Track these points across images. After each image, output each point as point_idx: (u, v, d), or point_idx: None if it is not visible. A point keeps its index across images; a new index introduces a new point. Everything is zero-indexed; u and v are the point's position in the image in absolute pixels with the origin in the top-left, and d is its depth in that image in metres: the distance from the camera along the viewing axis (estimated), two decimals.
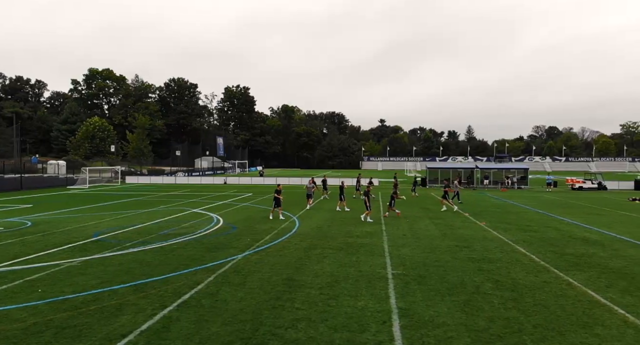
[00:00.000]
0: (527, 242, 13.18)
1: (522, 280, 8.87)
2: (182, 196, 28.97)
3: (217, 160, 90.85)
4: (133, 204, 23.33)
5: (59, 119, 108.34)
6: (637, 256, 11.19)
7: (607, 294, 8.04)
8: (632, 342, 5.89)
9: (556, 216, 19.31)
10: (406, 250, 11.69)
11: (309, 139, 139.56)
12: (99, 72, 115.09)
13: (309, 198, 22.27)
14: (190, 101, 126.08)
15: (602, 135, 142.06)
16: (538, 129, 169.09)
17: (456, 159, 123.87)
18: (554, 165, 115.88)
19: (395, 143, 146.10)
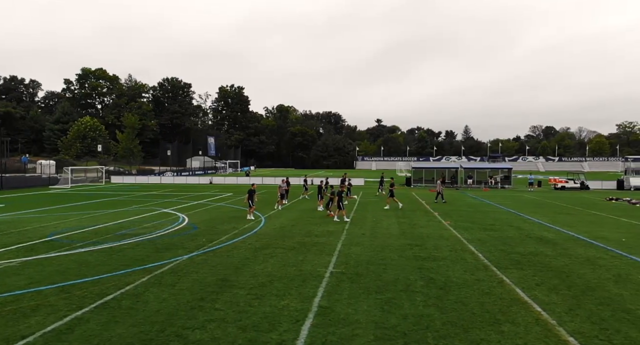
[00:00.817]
0: (481, 241, 13.22)
1: (455, 279, 8.90)
2: (161, 196, 28.92)
3: (208, 160, 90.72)
4: (106, 204, 23.27)
5: (52, 118, 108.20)
6: (583, 255, 11.24)
7: (534, 292, 8.07)
8: (533, 340, 5.90)
9: (524, 215, 19.37)
10: (357, 249, 11.70)
11: (304, 139, 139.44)
12: (92, 71, 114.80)
13: (282, 198, 22.29)
14: (184, 101, 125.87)
15: (599, 135, 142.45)
16: (535, 128, 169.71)
17: (450, 158, 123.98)
18: (547, 165, 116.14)
19: (390, 143, 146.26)
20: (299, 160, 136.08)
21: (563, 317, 6.78)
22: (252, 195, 17.69)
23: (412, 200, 27.11)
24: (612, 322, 6.58)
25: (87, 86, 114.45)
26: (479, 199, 28.06)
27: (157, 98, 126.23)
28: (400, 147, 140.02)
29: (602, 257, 11.06)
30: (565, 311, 7.07)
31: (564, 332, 6.20)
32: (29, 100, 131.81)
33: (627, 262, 10.55)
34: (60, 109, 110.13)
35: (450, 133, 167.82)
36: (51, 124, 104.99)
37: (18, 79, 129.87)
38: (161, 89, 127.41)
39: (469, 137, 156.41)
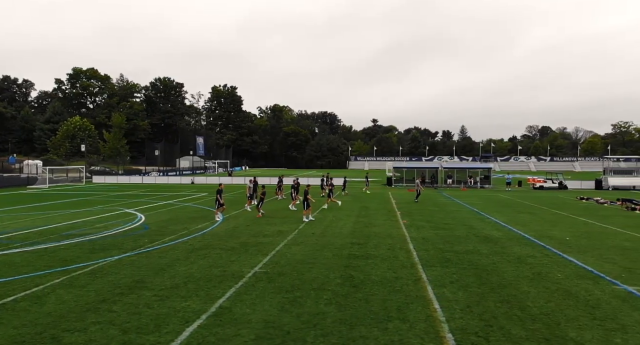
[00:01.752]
0: (425, 239, 13.26)
1: (375, 277, 8.92)
2: (134, 196, 28.86)
3: (198, 160, 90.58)
4: (72, 204, 23.19)
5: (42, 118, 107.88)
6: (517, 253, 11.28)
7: (443, 289, 8.10)
8: (411, 336, 5.92)
9: (485, 215, 19.43)
10: (297, 248, 11.68)
11: (297, 139, 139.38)
12: (83, 71, 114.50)
13: (250, 199, 22.14)
14: (176, 101, 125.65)
15: (595, 135, 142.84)
16: (531, 128, 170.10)
17: (442, 158, 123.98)
18: (539, 165, 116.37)
19: (384, 143, 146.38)
20: (293, 160, 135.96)
21: (455, 314, 6.81)
22: (219, 195, 17.57)
23: (384, 199, 27.15)
24: (501, 320, 6.61)
25: (79, 86, 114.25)
26: (451, 198, 28.11)
27: (150, 98, 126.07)
28: (393, 147, 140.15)
29: (534, 255, 11.11)
30: (462, 308, 7.10)
31: (446, 328, 6.23)
32: (22, 100, 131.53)
33: (555, 260, 10.60)
34: (51, 108, 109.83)
35: (447, 133, 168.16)
36: (41, 123, 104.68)
37: (11, 79, 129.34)
38: (153, 88, 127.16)
39: (465, 137, 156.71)
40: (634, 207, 21.57)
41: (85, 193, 31.08)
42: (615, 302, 7.45)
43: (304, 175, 54.06)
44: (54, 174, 43.63)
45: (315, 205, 19.81)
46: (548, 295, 7.81)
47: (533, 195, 31.20)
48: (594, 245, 12.39)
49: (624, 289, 8.22)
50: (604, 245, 12.40)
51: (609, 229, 15.65)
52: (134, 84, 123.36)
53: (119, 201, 24.91)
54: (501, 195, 30.82)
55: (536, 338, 5.95)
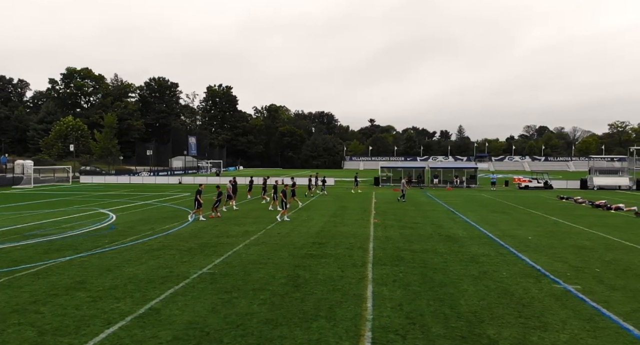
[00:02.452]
0: (387, 238, 13.30)
1: (321, 276, 8.91)
2: (116, 196, 28.84)
3: (192, 159, 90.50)
4: (49, 204, 23.14)
5: (36, 118, 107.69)
6: (473, 252, 11.31)
7: (383, 287, 8.11)
8: (331, 335, 5.92)
9: (458, 214, 19.47)
10: (255, 248, 11.63)
11: (292, 139, 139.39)
12: (77, 71, 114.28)
13: (229, 199, 22.09)
14: (171, 100, 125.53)
15: (592, 135, 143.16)
16: (529, 128, 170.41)
17: (436, 158, 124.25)
18: (533, 165, 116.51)
19: (379, 143, 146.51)
20: (289, 160, 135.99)
21: (384, 313, 6.81)
22: (199, 195, 17.39)
23: (365, 199, 27.18)
24: (426, 318, 6.61)
25: (73, 86, 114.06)
26: (433, 198, 28.16)
27: (144, 98, 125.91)
28: (388, 147, 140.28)
29: (488, 254, 11.14)
30: (393, 306, 7.11)
31: (369, 327, 6.22)
32: (17, 100, 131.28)
33: (508, 259, 10.61)
34: (45, 108, 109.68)
35: (445, 133, 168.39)
36: (35, 123, 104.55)
37: (6, 79, 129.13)
38: (148, 88, 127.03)
39: (463, 137, 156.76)
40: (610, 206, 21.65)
41: (68, 193, 31.03)
42: (548, 301, 7.48)
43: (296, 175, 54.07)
44: (41, 174, 43.55)
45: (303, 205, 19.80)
46: (484, 294, 7.83)
47: (515, 195, 31.27)
48: (553, 245, 12.43)
49: (563, 288, 8.25)
50: (563, 245, 12.44)
51: (576, 228, 15.71)
52: (128, 83, 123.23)
53: (97, 201, 24.87)
54: (484, 195, 30.87)
55: (453, 336, 5.96)
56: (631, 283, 8.57)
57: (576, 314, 6.87)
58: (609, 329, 6.26)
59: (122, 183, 44.05)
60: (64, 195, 28.87)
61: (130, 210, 20.57)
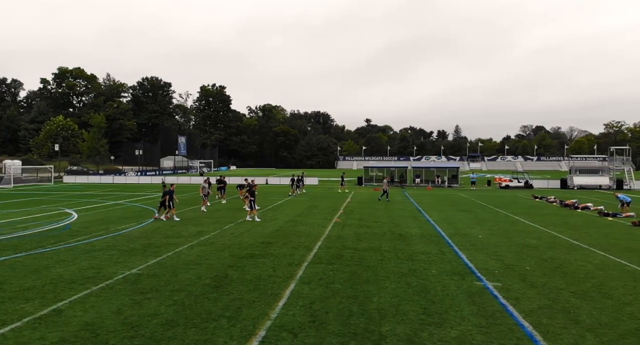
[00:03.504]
0: (339, 237, 13.35)
1: (250, 276, 8.87)
2: (90, 196, 28.81)
3: (183, 159, 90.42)
4: (17, 204, 23.09)
5: (27, 118, 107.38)
6: (416, 251, 11.35)
7: (303, 286, 8.13)
8: (223, 335, 5.92)
9: (423, 213, 19.54)
10: (199, 249, 11.51)
11: (286, 139, 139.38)
12: (69, 71, 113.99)
13: (204, 199, 21.93)
14: (164, 100, 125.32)
15: (589, 135, 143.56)
16: (525, 128, 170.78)
17: (430, 158, 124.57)
18: (526, 165, 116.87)
19: (373, 142, 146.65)
20: (283, 160, 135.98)
21: (291, 311, 6.83)
22: (171, 196, 17.27)
23: (340, 198, 27.20)
24: (330, 315, 6.64)
25: (64, 85, 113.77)
26: (408, 197, 28.21)
27: (137, 97, 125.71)
28: (382, 147, 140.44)
29: (429, 252, 11.19)
30: (304, 305, 7.11)
31: (267, 326, 6.23)
32: (10, 100, 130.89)
33: (445, 257, 10.64)
34: (36, 108, 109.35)
35: (442, 133, 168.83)
36: (26, 123, 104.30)
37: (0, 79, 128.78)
38: (141, 88, 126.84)
39: (460, 136, 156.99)
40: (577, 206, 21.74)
41: (44, 193, 30.98)
42: (460, 298, 7.52)
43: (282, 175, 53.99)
44: (23, 173, 43.43)
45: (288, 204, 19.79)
46: (401, 291, 7.87)
47: (492, 194, 31.36)
48: (499, 243, 12.49)
49: (482, 285, 8.31)
50: (509, 243, 12.50)
51: (532, 227, 15.77)
52: (120, 83, 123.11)
53: (68, 201, 24.83)
54: (461, 194, 30.95)
55: (345, 333, 6.00)
56: (552, 280, 8.63)
57: (480, 310, 6.92)
58: (504, 325, 6.31)
59: (104, 183, 43.99)
60: (38, 195, 28.82)
61: (96, 210, 20.54)
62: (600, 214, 19.05)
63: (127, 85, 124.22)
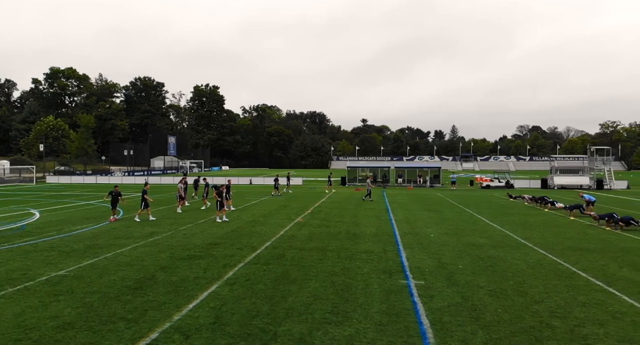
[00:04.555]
0: (292, 236, 13.34)
1: (175, 277, 8.80)
2: (64, 196, 28.76)
3: (174, 159, 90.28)
4: None
5: (19, 118, 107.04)
6: (360, 249, 11.35)
7: (225, 287, 8.10)
8: (110, 338, 5.89)
9: (389, 212, 19.54)
10: (141, 250, 11.43)
11: (280, 139, 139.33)
12: (61, 71, 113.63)
13: (181, 199, 21.82)
14: (156, 100, 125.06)
15: (586, 135, 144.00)
16: (522, 128, 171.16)
17: (422, 158, 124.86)
18: (518, 165, 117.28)
19: (367, 143, 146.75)
20: (277, 160, 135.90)
21: (197, 313, 6.78)
22: (145, 195, 17.27)
23: (314, 198, 27.20)
24: (236, 316, 6.63)
25: (56, 85, 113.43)
26: (384, 197, 28.20)
27: (130, 97, 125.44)
28: (376, 147, 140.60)
29: (373, 251, 11.21)
30: (214, 306, 7.07)
31: (163, 328, 6.16)
32: (3, 100, 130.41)
33: (385, 256, 10.66)
34: (27, 108, 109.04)
35: (439, 133, 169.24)
36: (18, 123, 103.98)
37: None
38: (134, 88, 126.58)
39: (457, 137, 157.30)
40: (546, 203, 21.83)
41: (21, 193, 30.89)
42: (376, 296, 7.54)
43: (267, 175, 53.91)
44: (7, 174, 43.32)
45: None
46: (321, 291, 7.85)
47: (468, 194, 31.43)
48: (446, 242, 12.52)
49: (405, 283, 8.34)
50: (457, 242, 12.52)
51: (489, 226, 15.81)
52: (113, 83, 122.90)
53: (40, 201, 24.76)
54: (438, 194, 30.99)
55: (241, 334, 5.97)
56: (477, 279, 8.66)
57: (389, 308, 6.94)
58: (404, 323, 6.32)
59: (87, 183, 43.85)
60: (14, 196, 28.71)
61: (62, 210, 20.48)
62: (566, 208, 19.21)
63: (119, 85, 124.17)
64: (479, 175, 49.01)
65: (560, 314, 6.68)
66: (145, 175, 56.07)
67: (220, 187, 18.67)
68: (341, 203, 24.31)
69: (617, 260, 10.23)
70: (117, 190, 17.33)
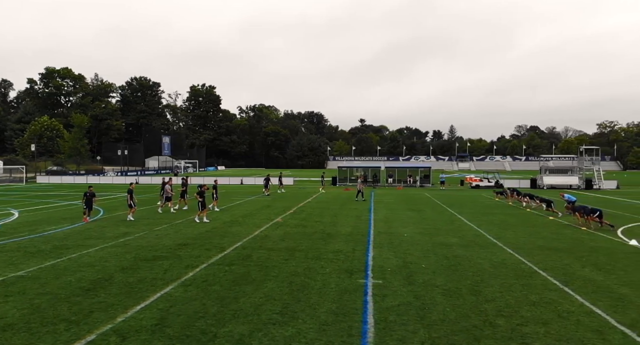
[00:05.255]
0: (265, 237, 13.29)
1: (132, 278, 8.72)
2: (49, 196, 28.69)
3: (169, 159, 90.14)
4: None
5: (14, 118, 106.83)
6: (329, 249, 11.28)
7: (179, 288, 8.04)
8: (64, 338, 5.88)
9: (370, 212, 19.49)
10: (107, 251, 11.30)
11: (277, 139, 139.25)
12: (56, 70, 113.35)
13: (167, 200, 21.65)
14: (152, 100, 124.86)
15: (583, 135, 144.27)
16: (520, 128, 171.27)
17: (419, 158, 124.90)
18: (514, 165, 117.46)
19: (364, 143, 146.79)
20: (274, 160, 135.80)
21: (142, 315, 6.72)
22: (131, 195, 17.22)
23: (300, 198, 27.16)
24: (174, 318, 6.56)
25: (52, 85, 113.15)
26: (371, 197, 28.19)
27: (126, 97, 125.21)
28: (373, 147, 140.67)
29: (341, 251, 11.16)
30: (162, 308, 6.99)
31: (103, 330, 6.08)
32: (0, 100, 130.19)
33: (352, 256, 10.62)
34: (23, 108, 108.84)
35: (438, 133, 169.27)
36: (13, 123, 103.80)
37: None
38: (129, 88, 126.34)
39: (455, 137, 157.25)
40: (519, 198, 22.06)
41: (8, 193, 30.78)
42: (331, 295, 7.47)
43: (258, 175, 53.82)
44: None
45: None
46: (277, 291, 7.78)
47: (456, 194, 31.43)
48: (418, 241, 12.48)
49: (363, 283, 8.28)
50: (429, 241, 12.48)
51: (465, 225, 15.78)
52: (109, 83, 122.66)
53: (23, 201, 24.68)
54: (426, 194, 30.96)
55: (180, 335, 5.90)
56: (435, 278, 8.62)
57: (339, 308, 6.89)
58: (348, 323, 6.28)
59: (77, 183, 43.70)
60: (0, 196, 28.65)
61: (42, 210, 20.42)
62: (546, 204, 19.49)
63: (115, 85, 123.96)
64: (469, 175, 49.01)
65: (506, 313, 6.66)
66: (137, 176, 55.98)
67: (202, 187, 18.58)
68: (327, 203, 24.27)
69: (581, 260, 10.22)
70: (91, 190, 17.27)
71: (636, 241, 12.20)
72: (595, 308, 6.85)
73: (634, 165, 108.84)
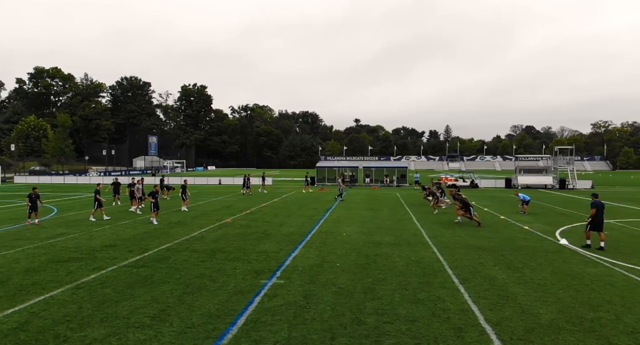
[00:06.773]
0: (201, 238, 13.05)
1: (28, 281, 8.45)
2: (16, 196, 28.31)
3: (157, 159, 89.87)
4: None
5: (2, 118, 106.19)
6: (256, 250, 11.12)
7: (77, 291, 7.85)
8: None
9: (327, 212, 19.31)
10: (26, 252, 10.99)
11: (269, 139, 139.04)
12: (45, 70, 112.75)
13: (140, 201, 21.00)
14: (142, 100, 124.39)
15: (578, 134, 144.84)
16: (516, 128, 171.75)
17: (409, 158, 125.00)
18: (504, 165, 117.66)
19: (355, 143, 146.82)
20: (266, 160, 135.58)
21: (41, 314, 6.57)
22: (98, 195, 17.08)
23: (271, 197, 27.03)
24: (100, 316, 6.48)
25: (41, 85, 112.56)
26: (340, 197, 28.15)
27: (116, 97, 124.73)
28: (364, 147, 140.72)
29: (267, 251, 10.99)
30: (53, 307, 6.86)
31: None
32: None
33: (275, 256, 10.44)
34: (11, 108, 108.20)
35: (434, 133, 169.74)
36: (1, 123, 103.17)
37: None
38: (120, 88, 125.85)
39: (450, 136, 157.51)
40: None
41: None
42: (221, 297, 7.31)
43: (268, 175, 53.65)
44: None
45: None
46: (169, 294, 7.57)
47: None
48: (351, 241, 12.35)
49: (263, 283, 8.12)
50: (362, 240, 12.38)
51: (411, 225, 15.65)
52: (99, 83, 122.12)
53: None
54: (396, 193, 30.88)
55: (29, 341, 5.74)
56: (343, 277, 8.50)
57: (218, 310, 6.71)
58: (215, 324, 6.10)
59: (54, 183, 43.43)
60: None
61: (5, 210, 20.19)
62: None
63: (105, 85, 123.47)
64: (444, 175, 49.06)
65: (382, 311, 6.54)
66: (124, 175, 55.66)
67: (154, 187, 18.33)
68: (291, 203, 24.10)
69: (498, 259, 10.12)
70: (36, 192, 16.93)
71: (566, 241, 12.17)
72: (474, 306, 6.75)
73: (624, 165, 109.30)
